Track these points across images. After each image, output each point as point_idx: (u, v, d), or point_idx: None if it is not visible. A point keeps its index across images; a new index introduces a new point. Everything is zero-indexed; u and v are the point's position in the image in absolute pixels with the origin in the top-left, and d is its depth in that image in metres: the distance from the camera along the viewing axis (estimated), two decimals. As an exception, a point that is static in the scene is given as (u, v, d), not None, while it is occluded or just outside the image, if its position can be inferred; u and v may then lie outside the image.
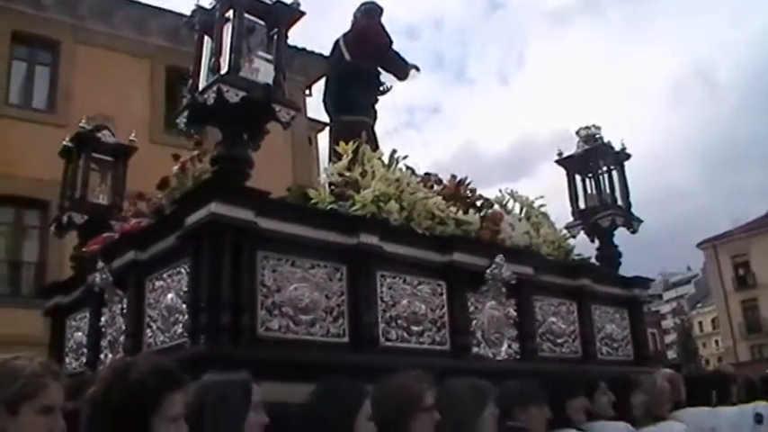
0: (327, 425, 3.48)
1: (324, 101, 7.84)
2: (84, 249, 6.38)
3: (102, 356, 5.78)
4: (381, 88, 7.91)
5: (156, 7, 19.88)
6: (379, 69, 7.89)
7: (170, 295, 4.88)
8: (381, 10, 8.01)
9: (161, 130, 18.03)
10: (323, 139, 22.97)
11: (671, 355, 68.47)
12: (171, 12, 19.83)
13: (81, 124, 7.39)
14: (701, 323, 73.13)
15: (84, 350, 6.14)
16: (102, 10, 18.98)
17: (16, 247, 18.09)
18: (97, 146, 7.36)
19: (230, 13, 4.97)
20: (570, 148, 8.22)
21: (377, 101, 7.79)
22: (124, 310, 5.47)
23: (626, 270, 7.93)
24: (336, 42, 7.93)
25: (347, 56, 7.70)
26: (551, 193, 7.70)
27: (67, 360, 6.50)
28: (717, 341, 64.58)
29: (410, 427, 3.71)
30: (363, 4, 8.04)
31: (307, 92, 21.36)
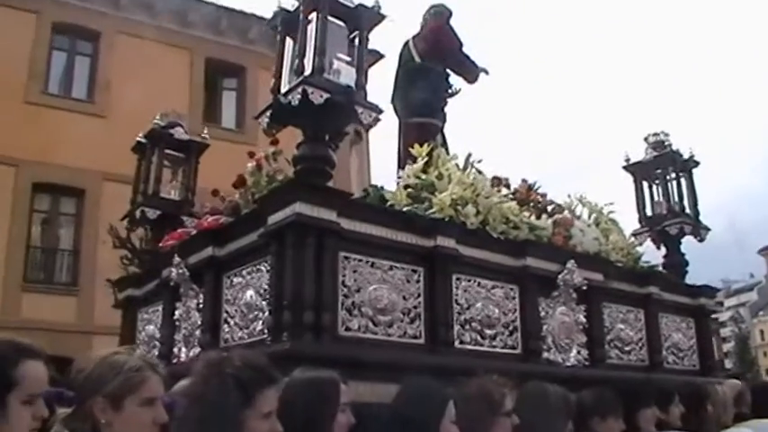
0: (412, 426, 3.51)
1: (392, 102, 7.86)
2: (160, 244, 6.49)
3: (175, 350, 5.89)
4: (450, 91, 7.92)
5: None
6: (449, 72, 7.90)
7: (249, 292, 4.96)
8: (451, 12, 8.01)
9: (200, 122, 17.88)
10: (373, 134, 22.98)
11: (728, 364, 67.18)
12: (211, 3, 19.89)
13: (155, 120, 7.50)
14: (762, 331, 71.51)
15: (157, 343, 6.26)
16: (142, 0, 19.07)
17: (52, 235, 18.24)
18: (170, 142, 7.47)
19: (313, 15, 5.03)
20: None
21: (446, 103, 7.81)
22: (200, 305, 5.56)
23: (688, 276, 7.87)
24: (406, 44, 7.96)
25: (417, 58, 7.72)
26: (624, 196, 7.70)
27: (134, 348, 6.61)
28: None
29: (491, 430, 3.73)
30: (433, 7, 8.05)
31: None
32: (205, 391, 2.76)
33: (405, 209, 5.30)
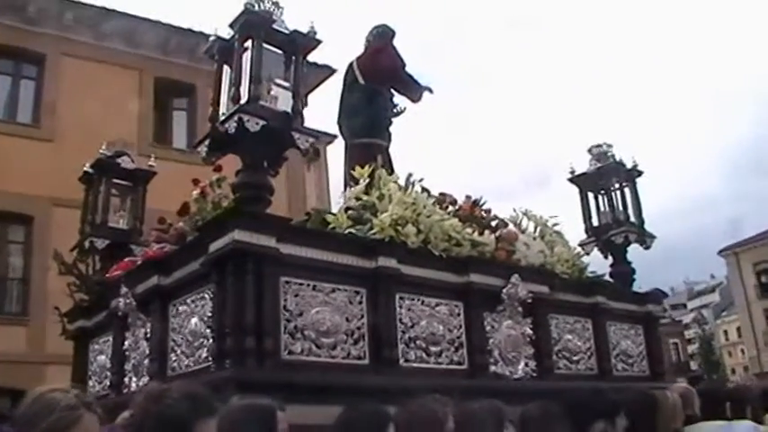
0: None
1: (338, 123, 7.93)
2: (107, 274, 6.49)
3: (126, 380, 5.89)
4: (395, 110, 7.99)
5: (143, 18, 19.57)
6: (393, 91, 7.97)
7: (194, 320, 4.99)
8: (394, 33, 8.10)
9: (149, 143, 17.62)
10: (332, 150, 23.00)
11: (694, 365, 67.60)
12: (159, 22, 19.52)
13: (101, 150, 7.51)
14: (726, 332, 71.69)
15: (108, 373, 6.26)
16: (88, 21, 18.67)
17: (0, 264, 17.79)
18: (117, 171, 7.48)
19: (248, 43, 5.10)
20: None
21: (391, 123, 7.87)
22: (148, 335, 5.58)
23: (650, 280, 8.00)
24: (350, 65, 8.02)
25: (361, 79, 7.78)
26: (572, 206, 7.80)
27: (91, 383, 6.62)
28: (743, 350, 63.29)
29: None
30: (376, 27, 8.12)
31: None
32: (144, 423, 2.79)
33: (346, 231, 5.36)
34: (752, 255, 53.50)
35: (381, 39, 8.01)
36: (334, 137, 17.40)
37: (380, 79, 7.81)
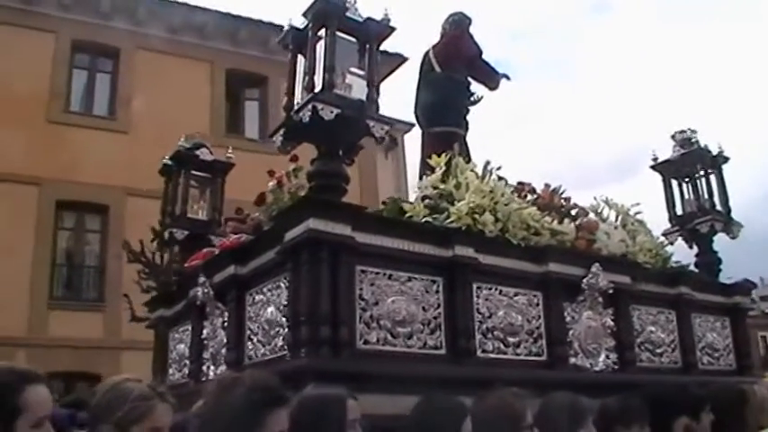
0: None
1: (415, 112, 7.88)
2: (186, 264, 6.57)
3: (204, 368, 5.94)
4: (472, 98, 7.90)
5: (214, 10, 19.94)
6: (470, 80, 7.89)
7: (270, 309, 5.00)
8: (470, 20, 8.02)
9: (222, 134, 18.15)
10: (409, 139, 22.91)
11: (772, 364, 65.23)
12: (230, 14, 19.88)
13: (180, 143, 7.60)
14: None
15: (187, 362, 6.33)
16: (160, 15, 19.11)
17: (77, 252, 18.41)
18: (196, 163, 7.56)
19: (322, 32, 5.07)
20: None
21: (468, 111, 7.79)
22: (225, 324, 5.62)
23: (738, 270, 7.74)
24: (426, 54, 7.97)
25: (437, 67, 7.74)
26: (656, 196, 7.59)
27: (171, 371, 6.72)
28: None
29: None
30: (452, 15, 8.06)
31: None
32: (216, 411, 2.79)
33: (423, 220, 5.30)
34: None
35: (458, 27, 7.95)
36: (411, 125, 17.42)
37: (457, 67, 7.74)
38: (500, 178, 5.96)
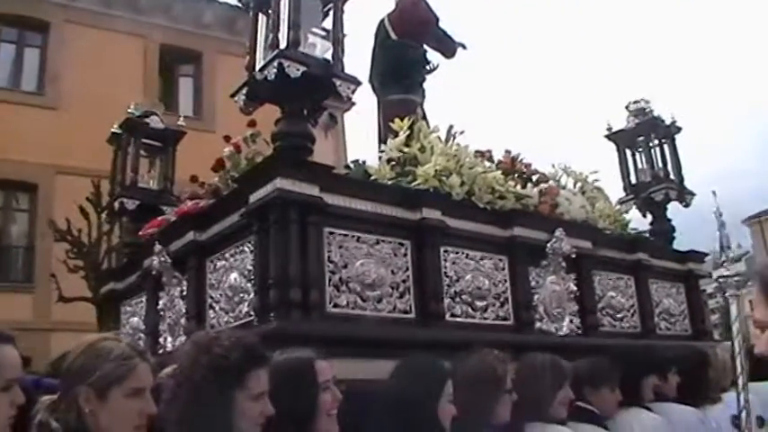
0: (409, 406, 3.38)
1: (370, 80, 7.73)
2: (140, 233, 6.36)
3: (161, 340, 5.77)
4: (428, 67, 7.79)
5: None
6: (426, 48, 7.78)
7: (233, 275, 4.84)
8: None
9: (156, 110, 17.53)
10: (349, 118, 22.73)
11: (716, 335, 66.88)
12: None
13: (129, 110, 7.36)
14: (750, 302, 70.95)
15: (142, 335, 6.13)
16: None
17: (5, 231, 17.87)
18: (146, 131, 7.33)
19: (286, -11, 4.91)
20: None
21: (425, 80, 7.69)
22: (184, 293, 5.45)
23: (683, 239, 7.82)
24: (381, 22, 7.81)
25: (393, 35, 7.59)
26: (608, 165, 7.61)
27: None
28: None
29: (493, 409, 3.63)
30: (408, -17, 7.92)
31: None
32: (193, 372, 2.64)
33: (389, 182, 5.20)
34: (775, 224, 52.64)
35: (413, -6, 7.80)
36: (352, 104, 17.29)
37: (413, 35, 7.61)
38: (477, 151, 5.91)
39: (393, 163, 5.38)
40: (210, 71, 19.26)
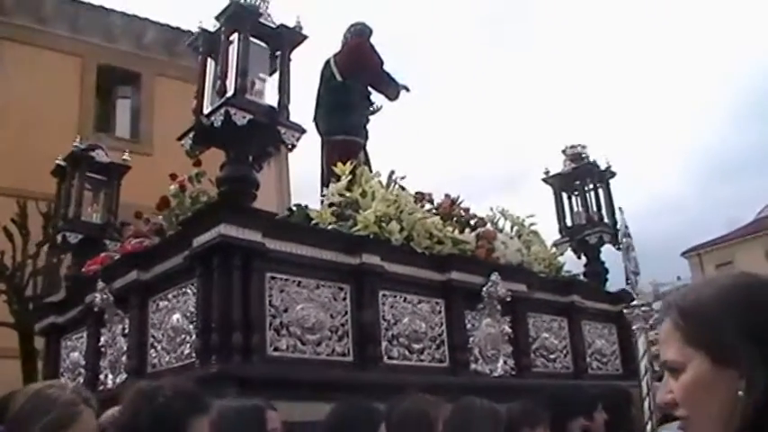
0: None
1: (314, 120, 7.88)
2: (83, 269, 6.39)
3: (101, 377, 5.81)
4: (372, 108, 7.98)
5: (86, 2, 18.61)
6: (370, 89, 7.96)
7: (176, 315, 4.94)
8: (371, 31, 8.08)
9: (91, 131, 16.64)
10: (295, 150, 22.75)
11: (656, 366, 67.50)
12: (102, 8, 18.83)
13: (74, 143, 7.39)
14: None
15: (82, 370, 6.17)
16: (29, 5, 17.81)
17: None
18: (91, 165, 7.36)
19: (234, 36, 5.05)
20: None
21: (368, 121, 7.86)
22: (126, 331, 5.51)
23: (618, 280, 8.06)
24: (327, 62, 7.97)
25: (338, 76, 7.75)
26: (545, 207, 7.85)
27: (63, 380, 6.50)
28: None
29: None
30: (353, 25, 8.11)
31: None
32: (136, 421, 2.73)
33: (330, 227, 5.34)
34: (714, 256, 53.20)
35: (359, 36, 7.99)
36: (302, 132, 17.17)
37: (358, 77, 7.79)
38: (402, 188, 6.07)
39: (334, 207, 5.51)
40: (149, 93, 18.93)
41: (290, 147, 4.99)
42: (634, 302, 3.99)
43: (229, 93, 4.84)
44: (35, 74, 16.74)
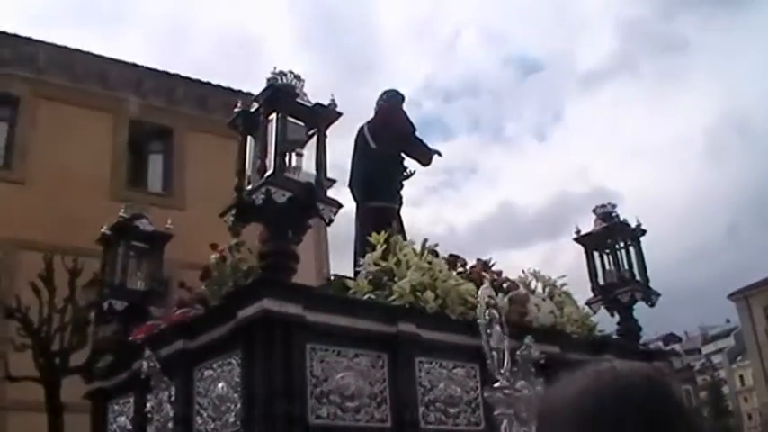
0: None
1: (349, 186, 8.13)
2: (130, 337, 6.63)
3: (148, 441, 6.00)
4: (405, 173, 8.22)
5: (118, 60, 19.14)
6: (403, 155, 8.20)
7: (221, 384, 5.14)
8: (403, 98, 8.36)
9: (123, 187, 17.42)
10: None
11: (705, 412, 65.80)
12: (134, 64, 19.10)
13: (120, 213, 7.69)
14: (741, 377, 70.13)
15: (130, 434, 6.37)
16: (62, 63, 18.25)
17: None
18: (136, 233, 7.65)
19: (273, 116, 5.32)
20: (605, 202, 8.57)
21: (402, 186, 8.10)
22: (172, 397, 5.71)
23: (666, 325, 8.17)
24: (361, 129, 8.25)
25: (372, 143, 8.00)
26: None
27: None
28: (757, 395, 61.39)
29: None
30: (386, 92, 8.39)
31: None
32: None
33: (366, 296, 5.54)
34: (762, 298, 52.35)
35: (392, 103, 8.26)
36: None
37: (392, 143, 8.04)
38: (436, 254, 6.27)
39: (371, 277, 5.72)
40: (181, 148, 19.13)
41: (327, 221, 5.22)
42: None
43: (269, 171, 5.10)
44: (67, 130, 17.06)
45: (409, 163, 8.31)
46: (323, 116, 5.51)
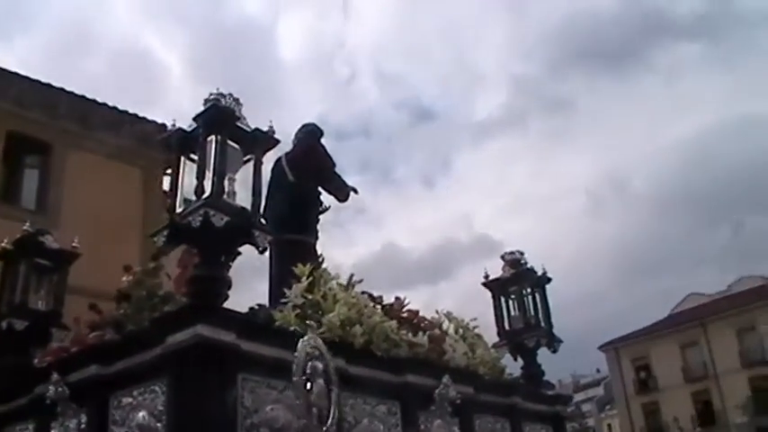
0: None
1: (264, 218, 7.98)
2: (35, 360, 6.30)
3: (51, 470, 5.69)
4: (321, 208, 8.17)
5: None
6: (321, 190, 8.16)
7: (141, 413, 4.92)
8: (322, 132, 8.33)
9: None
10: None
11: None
12: (17, 74, 18.14)
13: (24, 227, 7.33)
14: (609, 425, 72.11)
15: (30, 462, 6.02)
16: None
17: None
18: (39, 250, 7.31)
19: (212, 138, 5.20)
20: (490, 252, 8.71)
21: (318, 221, 8.05)
22: (82, 425, 5.43)
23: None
24: (278, 160, 8.13)
25: (290, 176, 7.91)
26: (470, 296, 8.09)
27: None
28: None
29: None
30: (305, 126, 8.32)
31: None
32: None
33: (292, 328, 5.45)
34: (631, 351, 54.01)
35: (311, 137, 8.21)
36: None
37: (310, 178, 7.99)
38: (362, 292, 6.26)
39: (298, 309, 5.63)
40: (59, 164, 18.34)
41: (260, 249, 5.13)
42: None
43: (206, 194, 4.97)
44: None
45: (324, 198, 8.27)
46: (261, 142, 5.42)
